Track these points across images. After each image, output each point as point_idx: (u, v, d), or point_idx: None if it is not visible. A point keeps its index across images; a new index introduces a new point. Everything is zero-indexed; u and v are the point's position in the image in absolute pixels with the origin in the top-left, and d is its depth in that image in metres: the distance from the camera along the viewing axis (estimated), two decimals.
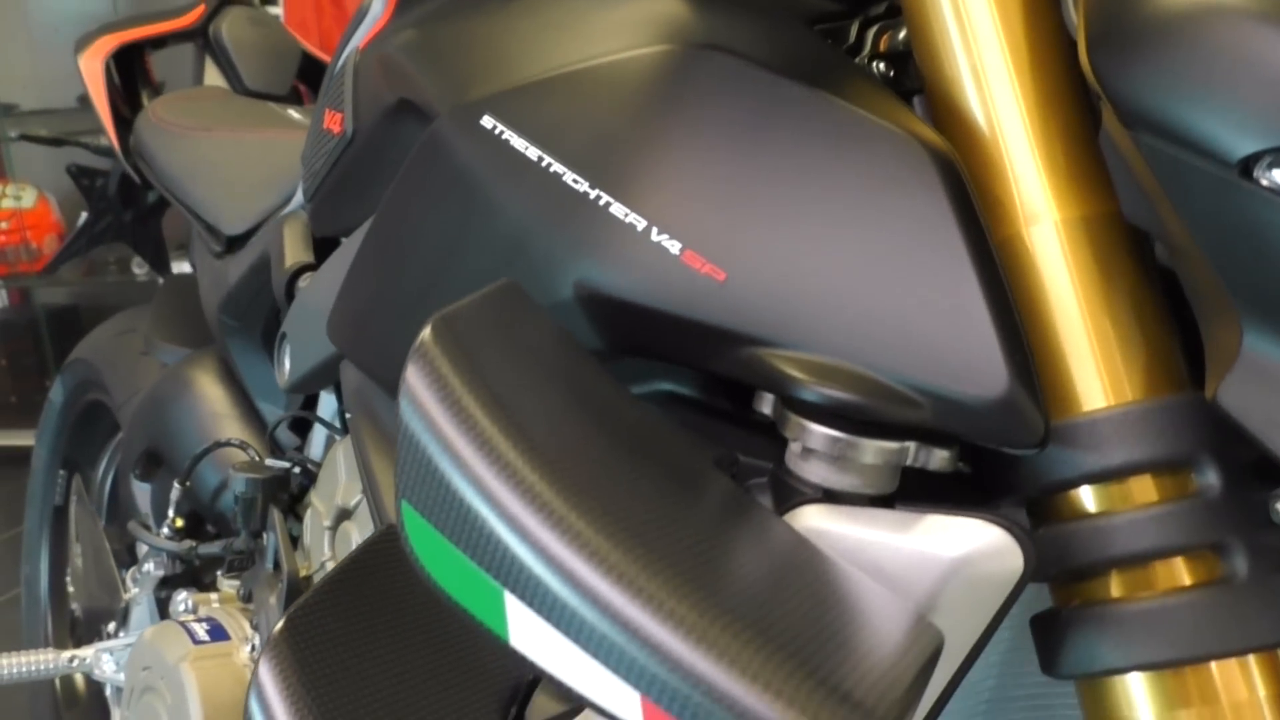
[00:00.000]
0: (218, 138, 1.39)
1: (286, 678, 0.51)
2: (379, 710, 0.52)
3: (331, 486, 0.94)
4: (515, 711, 0.57)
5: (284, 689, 0.51)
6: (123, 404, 1.58)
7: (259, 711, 0.51)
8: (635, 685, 0.35)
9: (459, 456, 0.40)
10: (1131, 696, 0.48)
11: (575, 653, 0.37)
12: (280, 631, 0.52)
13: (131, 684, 1.06)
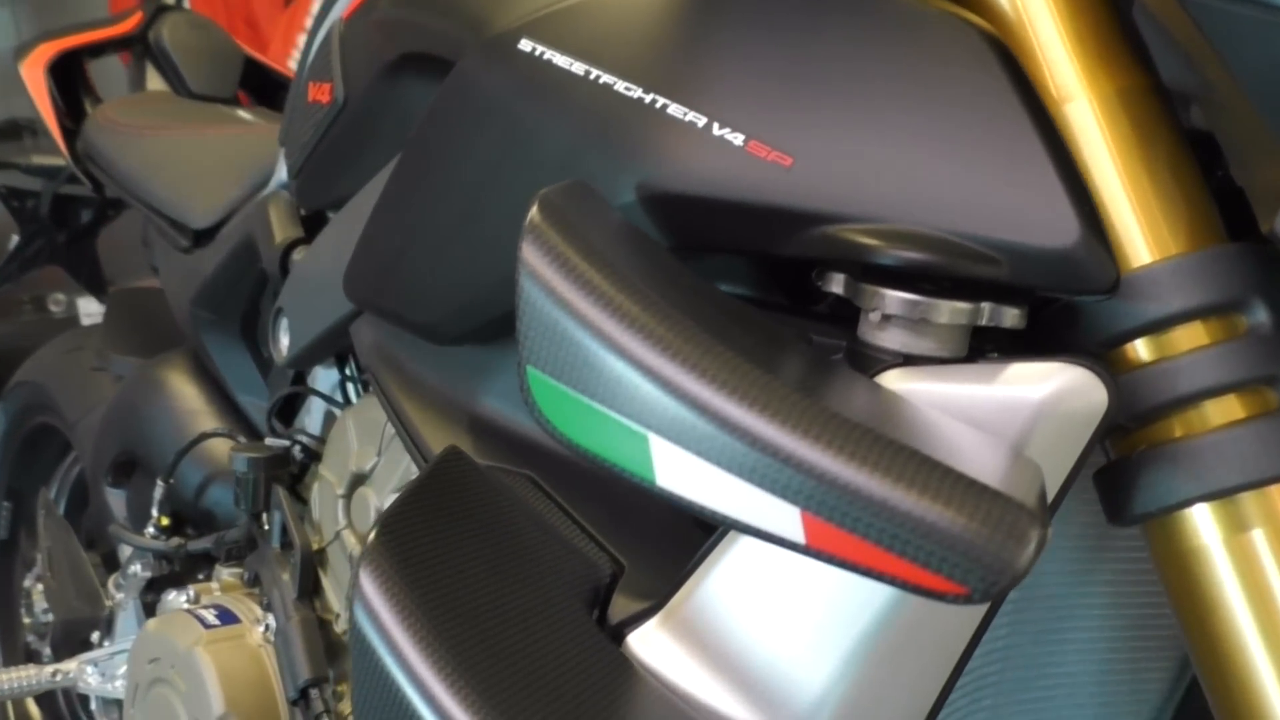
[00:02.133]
0: (176, 135, 1.38)
1: (388, 579, 0.51)
2: (475, 605, 0.53)
3: (342, 455, 0.93)
4: (598, 613, 0.58)
5: (386, 590, 0.51)
6: (77, 421, 1.55)
7: (365, 616, 0.51)
8: (794, 501, 0.37)
9: (592, 316, 0.41)
10: (1198, 527, 0.51)
11: (729, 482, 0.38)
12: (374, 541, 0.53)
13: (137, 680, 1.04)
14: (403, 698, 0.49)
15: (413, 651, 0.49)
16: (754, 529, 0.38)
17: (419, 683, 0.49)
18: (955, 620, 0.50)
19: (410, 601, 0.51)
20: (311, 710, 0.91)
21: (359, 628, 0.51)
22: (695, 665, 0.54)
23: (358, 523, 0.92)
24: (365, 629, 0.51)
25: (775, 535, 0.38)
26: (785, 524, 0.38)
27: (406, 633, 0.50)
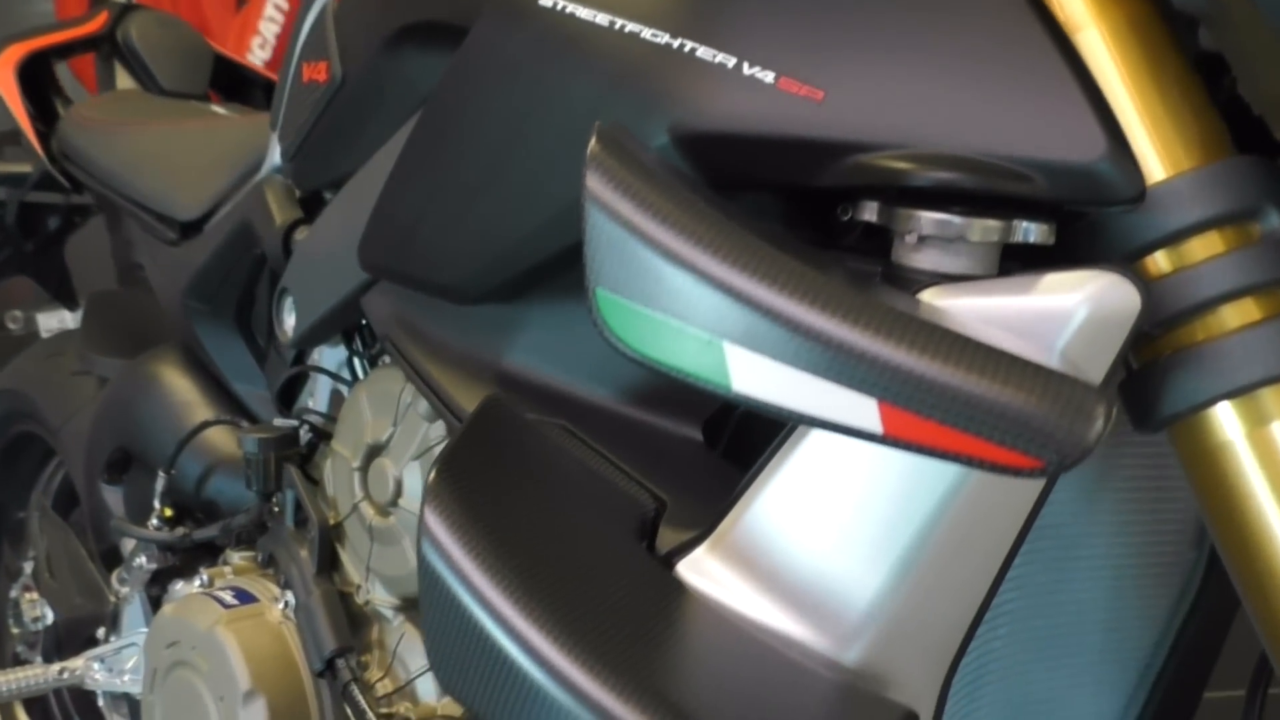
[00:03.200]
0: (155, 130, 1.38)
1: (452, 514, 0.53)
2: (533, 536, 0.55)
3: (356, 429, 0.94)
4: (647, 544, 0.60)
5: (451, 524, 0.53)
6: (61, 426, 1.54)
7: (433, 550, 0.53)
8: (872, 393, 0.39)
9: (662, 234, 0.43)
10: (1222, 424, 0.54)
11: (806, 381, 0.40)
12: (434, 481, 0.55)
13: (154, 665, 1.04)
14: (475, 624, 0.51)
15: (481, 579, 0.51)
16: (831, 424, 0.40)
17: (490, 607, 0.50)
18: (997, 524, 0.53)
19: (474, 533, 0.52)
20: (339, 679, 0.92)
21: (428, 563, 0.52)
22: (746, 587, 0.56)
23: (376, 494, 0.93)
24: (434, 563, 0.52)
25: (853, 428, 0.40)
26: (863, 416, 0.40)
27: (474, 562, 0.51)
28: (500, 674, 0.50)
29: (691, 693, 0.49)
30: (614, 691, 0.48)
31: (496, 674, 0.50)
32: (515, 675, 0.49)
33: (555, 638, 0.49)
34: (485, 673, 0.50)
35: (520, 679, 0.49)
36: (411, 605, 0.94)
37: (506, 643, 0.50)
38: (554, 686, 0.49)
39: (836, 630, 0.54)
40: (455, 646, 0.51)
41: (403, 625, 0.94)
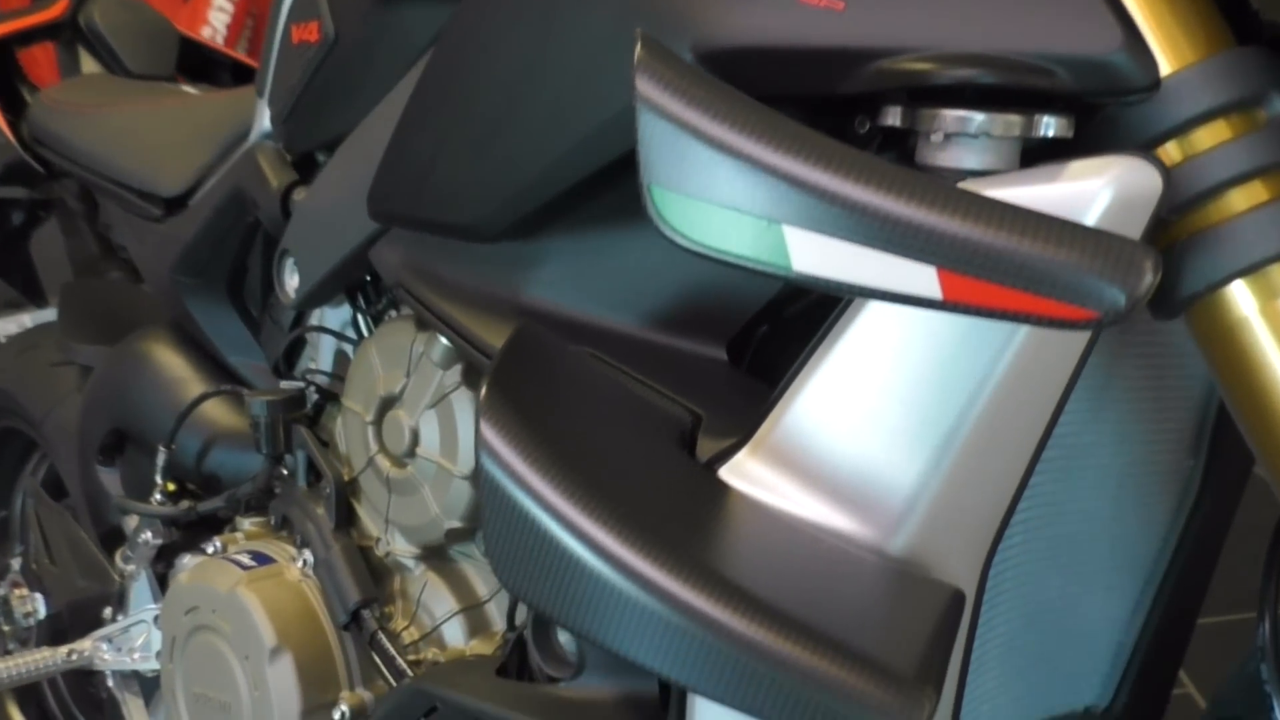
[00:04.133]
0: (131, 109, 1.37)
1: (506, 424, 0.55)
2: (583, 442, 0.56)
3: (367, 383, 0.95)
4: (688, 452, 0.62)
5: (508, 434, 0.54)
6: (44, 418, 1.52)
7: (491, 461, 0.54)
8: (931, 261, 0.41)
9: (717, 127, 0.45)
10: (1236, 301, 0.56)
11: (866, 255, 0.42)
12: (487, 397, 0.56)
13: (173, 633, 1.04)
14: (537, 524, 0.52)
15: (540, 481, 0.53)
16: (892, 294, 0.42)
17: (550, 507, 0.52)
18: (1032, 404, 0.55)
19: (530, 441, 0.54)
20: (365, 630, 0.93)
21: (488, 473, 0.54)
22: (789, 485, 0.58)
23: (391, 446, 0.94)
24: (494, 472, 0.54)
25: (913, 296, 0.42)
26: (922, 284, 0.42)
27: (532, 467, 0.53)
28: (564, 568, 0.51)
29: (749, 574, 0.51)
30: (674, 575, 0.50)
31: (561, 569, 0.51)
32: (579, 569, 0.51)
33: (614, 530, 0.51)
34: (549, 569, 0.52)
35: (584, 571, 0.51)
36: (433, 554, 0.95)
37: (569, 539, 0.51)
38: (616, 575, 0.50)
39: (881, 519, 0.56)
40: (519, 548, 0.53)
41: (425, 574, 0.95)
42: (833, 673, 0.48)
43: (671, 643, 0.50)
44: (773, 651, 0.48)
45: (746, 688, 0.49)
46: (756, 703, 0.49)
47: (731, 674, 0.49)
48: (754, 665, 0.49)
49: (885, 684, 0.48)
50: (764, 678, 0.49)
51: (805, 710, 0.48)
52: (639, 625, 0.50)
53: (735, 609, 0.50)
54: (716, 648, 0.49)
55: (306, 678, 0.94)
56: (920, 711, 0.47)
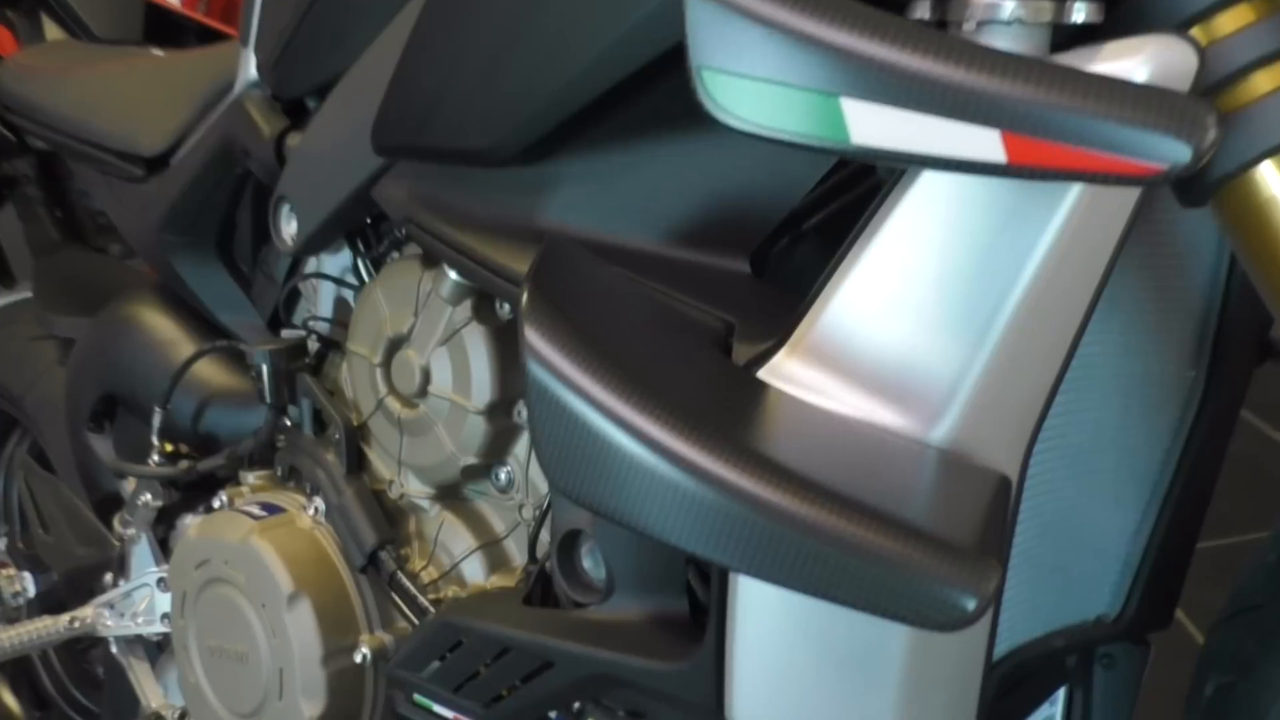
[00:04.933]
0: (104, 72, 1.34)
1: (552, 327, 0.54)
2: (625, 344, 0.56)
3: (374, 325, 0.94)
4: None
5: (552, 336, 0.54)
6: (24, 393, 1.50)
7: (538, 364, 0.54)
8: (996, 125, 0.41)
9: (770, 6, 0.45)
10: (1265, 181, 0.57)
11: (926, 122, 0.42)
12: (528, 302, 0.56)
13: (184, 588, 1.03)
14: (590, 425, 0.52)
15: (590, 380, 0.53)
16: (955, 161, 0.43)
17: (602, 405, 0.52)
18: (1074, 285, 0.56)
19: (575, 341, 0.54)
20: (384, 571, 0.93)
21: (536, 378, 0.54)
22: (830, 383, 0.59)
23: (401, 387, 0.93)
24: (541, 375, 0.54)
25: (977, 162, 0.42)
26: (986, 148, 0.42)
27: (580, 366, 0.53)
28: (620, 464, 0.51)
29: (801, 460, 0.51)
30: (733, 461, 0.50)
31: (616, 465, 0.51)
32: (636, 463, 0.51)
33: (668, 421, 0.51)
34: (604, 467, 0.52)
35: (641, 465, 0.51)
36: (447, 493, 0.95)
37: (623, 434, 0.51)
38: (673, 466, 0.51)
39: (925, 410, 0.57)
40: (572, 449, 0.53)
41: (440, 514, 0.95)
42: (896, 548, 0.48)
43: (734, 530, 0.50)
44: (835, 530, 0.49)
45: (809, 569, 0.49)
46: (820, 584, 0.50)
47: (794, 557, 0.49)
48: (816, 546, 0.49)
49: (950, 556, 0.48)
50: (827, 558, 0.49)
51: (871, 588, 0.49)
52: (699, 515, 0.50)
53: (795, 491, 0.50)
54: (778, 532, 0.49)
55: (326, 622, 0.94)
56: (988, 583, 0.48)
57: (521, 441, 0.90)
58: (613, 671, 0.74)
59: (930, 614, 0.48)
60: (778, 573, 0.50)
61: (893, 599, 0.49)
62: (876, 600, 0.49)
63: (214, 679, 1.02)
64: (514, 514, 0.92)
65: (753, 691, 0.67)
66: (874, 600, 0.49)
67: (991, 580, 0.48)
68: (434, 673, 0.86)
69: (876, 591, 0.49)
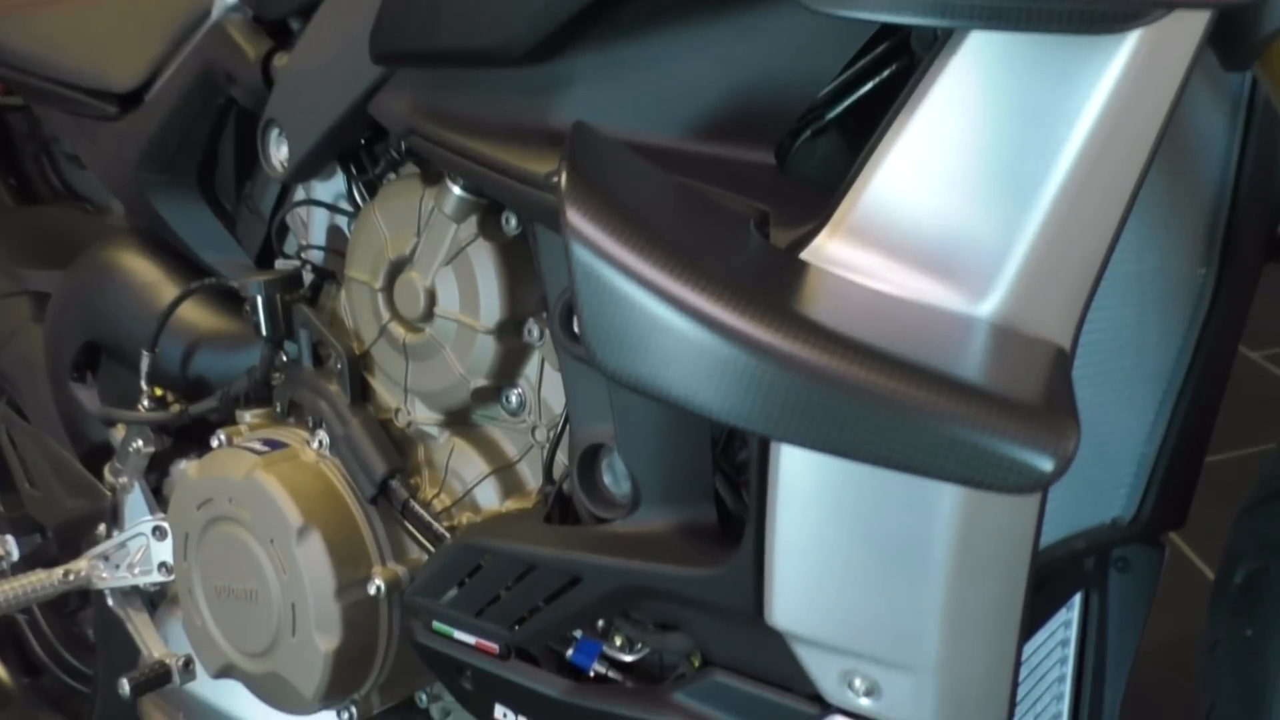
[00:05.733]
0: (68, 9, 1.29)
1: (593, 206, 0.52)
2: (668, 225, 0.54)
3: (374, 249, 0.92)
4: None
5: (594, 214, 0.52)
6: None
7: (581, 244, 0.52)
8: None
9: None
10: None
11: None
12: (568, 183, 0.54)
13: (186, 529, 1.01)
14: (636, 301, 0.50)
15: (634, 255, 0.51)
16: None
17: (648, 281, 0.50)
18: (1125, 149, 0.54)
19: (618, 216, 0.52)
20: (395, 500, 0.91)
21: (580, 259, 0.52)
22: (874, 261, 0.57)
23: (405, 310, 0.90)
24: (585, 256, 0.51)
25: None
26: None
27: (624, 242, 0.51)
28: (670, 340, 0.49)
29: (857, 331, 0.50)
30: (788, 329, 0.48)
31: (666, 341, 0.50)
32: (686, 336, 0.49)
33: (723, 294, 0.49)
34: (653, 343, 0.50)
35: (692, 339, 0.49)
36: (456, 419, 0.93)
37: (672, 308, 0.49)
38: (731, 339, 0.49)
39: (973, 284, 0.55)
40: (620, 327, 0.51)
41: (450, 440, 0.93)
42: (970, 408, 0.47)
43: (798, 401, 0.48)
44: (904, 394, 0.47)
45: (878, 436, 0.48)
46: (889, 452, 0.48)
47: (862, 424, 0.48)
48: (886, 411, 0.47)
49: (1028, 415, 0.47)
50: (897, 422, 0.48)
51: (944, 452, 0.47)
52: (761, 387, 0.49)
53: (860, 356, 0.48)
54: (845, 399, 0.48)
55: (337, 555, 0.91)
56: (1067, 442, 0.46)
57: (532, 361, 0.88)
58: (644, 582, 0.73)
59: (1006, 476, 0.47)
60: (844, 442, 0.48)
61: (967, 462, 0.47)
62: (949, 465, 0.47)
63: (222, 620, 1.00)
64: (526, 437, 0.90)
65: (793, 591, 0.66)
66: (947, 465, 0.47)
67: (1071, 440, 0.47)
68: (454, 598, 0.84)
69: (949, 456, 0.47)
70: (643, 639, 0.79)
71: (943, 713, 0.66)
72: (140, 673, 1.10)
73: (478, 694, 0.86)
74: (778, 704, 0.72)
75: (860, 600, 0.64)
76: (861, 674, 0.67)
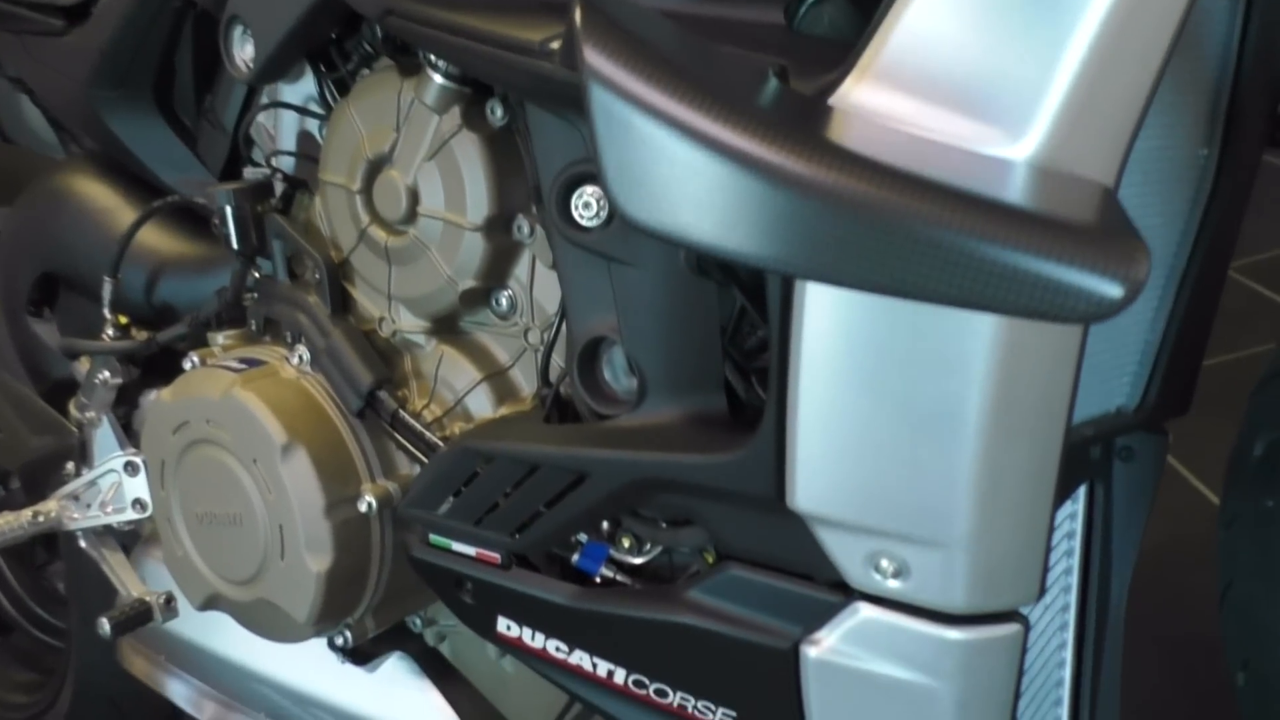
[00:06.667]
0: None
1: (612, 44, 0.48)
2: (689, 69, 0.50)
3: (350, 149, 0.87)
4: None
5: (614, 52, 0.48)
6: None
7: (601, 85, 0.48)
8: None
9: None
10: None
11: None
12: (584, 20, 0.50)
13: (161, 456, 0.96)
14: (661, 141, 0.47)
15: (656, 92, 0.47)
16: None
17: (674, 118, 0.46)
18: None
19: (638, 53, 0.48)
20: (384, 411, 0.87)
21: (598, 99, 0.48)
22: (904, 104, 0.54)
23: (386, 212, 0.86)
24: (604, 97, 0.48)
25: None
26: None
27: (645, 79, 0.47)
28: (700, 179, 0.46)
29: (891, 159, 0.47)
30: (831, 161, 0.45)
31: (696, 181, 0.46)
32: (719, 174, 0.46)
33: (750, 128, 0.45)
34: (683, 185, 0.46)
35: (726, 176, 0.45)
36: (443, 326, 0.89)
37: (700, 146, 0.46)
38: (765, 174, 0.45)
39: (1012, 124, 0.52)
40: (644, 171, 0.47)
41: (438, 349, 0.89)
42: (1035, 236, 0.44)
43: (851, 238, 0.45)
44: (960, 219, 0.44)
45: (934, 268, 0.45)
46: (952, 287, 0.45)
47: (915, 254, 0.45)
48: (946, 236, 0.44)
49: (1096, 237, 0.44)
50: (952, 251, 0.45)
51: (1010, 283, 0.44)
52: (809, 225, 0.45)
53: (909, 184, 0.45)
54: (895, 227, 0.44)
55: (324, 472, 0.87)
56: (1139, 266, 0.44)
57: (523, 261, 0.84)
58: (657, 474, 0.70)
59: (1072, 304, 0.44)
60: (900, 277, 0.45)
61: (1032, 292, 0.44)
62: (1012, 296, 0.44)
63: (205, 548, 0.96)
64: (519, 341, 0.86)
65: (817, 470, 0.63)
66: (1009, 297, 0.44)
67: (1143, 264, 0.44)
68: (451, 508, 0.81)
69: (1012, 285, 0.44)
70: (654, 537, 0.76)
71: (974, 590, 0.64)
72: (120, 611, 1.06)
73: (479, 608, 0.83)
74: (799, 594, 0.70)
75: (889, 474, 0.61)
76: (889, 554, 0.64)
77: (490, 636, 0.83)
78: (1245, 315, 2.21)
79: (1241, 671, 0.89)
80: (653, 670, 0.77)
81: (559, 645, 0.80)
